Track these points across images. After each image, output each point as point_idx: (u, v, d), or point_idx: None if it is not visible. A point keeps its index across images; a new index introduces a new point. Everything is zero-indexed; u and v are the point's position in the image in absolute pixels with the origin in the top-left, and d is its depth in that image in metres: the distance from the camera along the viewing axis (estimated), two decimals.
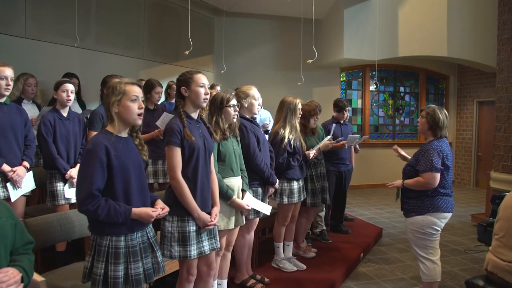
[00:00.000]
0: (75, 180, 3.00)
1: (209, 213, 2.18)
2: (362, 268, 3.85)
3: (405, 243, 4.57)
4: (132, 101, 1.81)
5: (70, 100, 3.00)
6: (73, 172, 2.99)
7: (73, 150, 3.05)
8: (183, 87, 2.16)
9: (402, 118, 8.62)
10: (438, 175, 2.69)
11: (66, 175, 2.95)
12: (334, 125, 4.15)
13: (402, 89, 8.63)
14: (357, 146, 4.94)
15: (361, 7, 6.69)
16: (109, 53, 5.23)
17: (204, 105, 2.19)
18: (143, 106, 1.86)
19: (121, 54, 5.38)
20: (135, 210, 1.78)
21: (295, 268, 3.47)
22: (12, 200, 2.70)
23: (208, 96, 2.19)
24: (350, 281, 3.54)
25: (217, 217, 2.20)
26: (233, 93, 2.74)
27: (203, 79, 2.16)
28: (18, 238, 1.64)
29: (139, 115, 1.83)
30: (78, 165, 3.04)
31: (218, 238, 2.26)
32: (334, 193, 4.46)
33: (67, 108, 3.05)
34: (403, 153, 3.13)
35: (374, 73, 8.24)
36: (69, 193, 3.00)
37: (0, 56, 3.79)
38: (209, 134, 2.28)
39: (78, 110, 4.15)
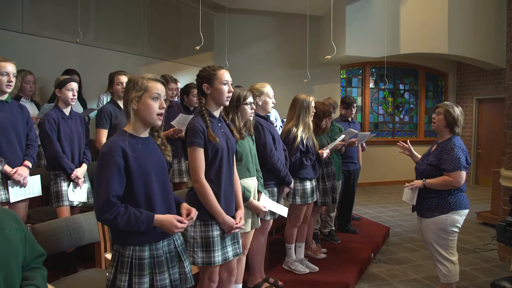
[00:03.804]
0: (81, 181, 2.89)
1: (233, 217, 2.07)
2: (374, 268, 3.78)
3: (413, 242, 4.51)
4: (153, 99, 1.66)
5: (75, 99, 2.90)
6: (79, 172, 2.87)
7: (77, 149, 2.93)
8: (205, 84, 2.03)
9: (401, 116, 8.60)
10: (465, 173, 2.63)
11: (72, 175, 2.82)
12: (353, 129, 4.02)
13: (401, 86, 8.60)
14: (364, 144, 4.87)
15: (363, 4, 6.62)
16: (109, 49, 5.08)
17: (227, 103, 2.07)
18: (165, 106, 1.71)
19: (121, 50, 5.22)
20: (157, 217, 1.62)
21: (308, 270, 3.38)
22: (11, 200, 2.56)
23: (231, 94, 2.07)
24: (363, 283, 3.46)
25: (242, 221, 2.09)
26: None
27: (226, 76, 2.03)
28: (29, 251, 1.49)
29: (159, 115, 1.68)
30: (84, 165, 2.97)
31: (240, 243, 2.16)
32: (343, 192, 4.38)
33: (69, 107, 2.93)
34: (413, 150, 3.02)
35: (373, 70, 8.21)
36: (73, 195, 2.87)
37: None
38: (231, 133, 2.16)
39: (79, 107, 4.01)
